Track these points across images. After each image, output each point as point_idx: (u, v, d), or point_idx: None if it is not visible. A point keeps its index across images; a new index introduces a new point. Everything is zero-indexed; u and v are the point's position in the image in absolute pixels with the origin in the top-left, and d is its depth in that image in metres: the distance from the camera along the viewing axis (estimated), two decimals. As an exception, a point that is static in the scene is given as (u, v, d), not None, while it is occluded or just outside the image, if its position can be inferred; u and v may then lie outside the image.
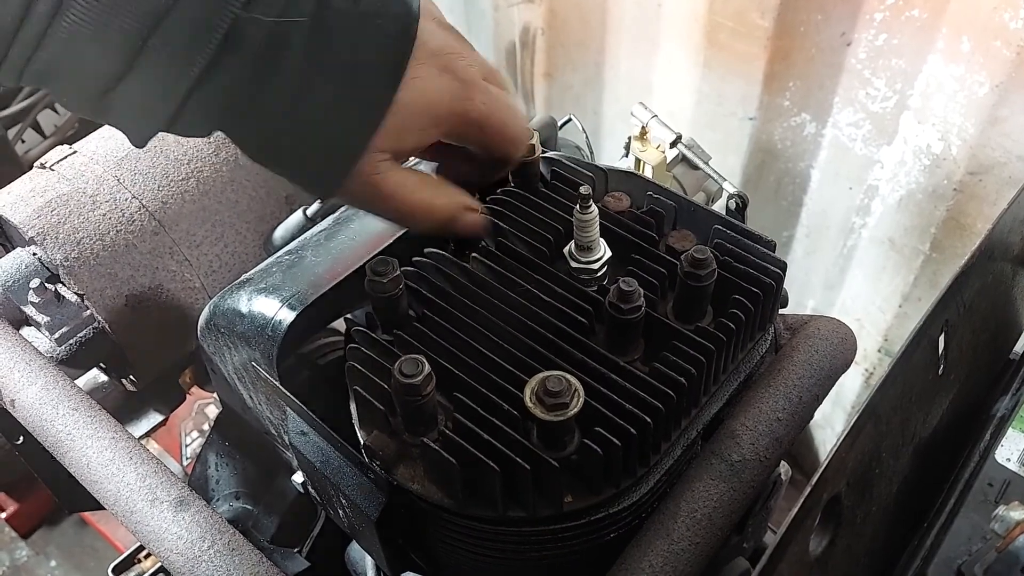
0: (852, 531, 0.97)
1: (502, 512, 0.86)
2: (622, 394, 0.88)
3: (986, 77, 1.87)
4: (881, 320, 2.49)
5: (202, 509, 1.01)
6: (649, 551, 0.89)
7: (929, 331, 0.98)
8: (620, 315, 0.92)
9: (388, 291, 0.96)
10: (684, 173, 1.70)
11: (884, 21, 1.97)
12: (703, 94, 2.42)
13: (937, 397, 1.11)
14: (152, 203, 1.37)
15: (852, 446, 0.88)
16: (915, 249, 2.27)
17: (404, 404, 0.86)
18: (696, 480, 0.94)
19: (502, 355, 0.92)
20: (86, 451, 1.07)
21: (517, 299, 0.98)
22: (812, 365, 1.04)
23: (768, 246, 1.03)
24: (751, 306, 0.97)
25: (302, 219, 1.42)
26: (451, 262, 1.03)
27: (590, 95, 2.79)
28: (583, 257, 1.01)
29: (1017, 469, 1.11)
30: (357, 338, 0.97)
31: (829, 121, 2.24)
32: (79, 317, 1.34)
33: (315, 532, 1.34)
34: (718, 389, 1.00)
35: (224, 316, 1.09)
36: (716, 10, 2.22)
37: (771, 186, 2.47)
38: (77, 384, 1.16)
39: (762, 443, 0.96)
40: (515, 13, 2.75)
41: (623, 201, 1.12)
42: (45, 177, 1.37)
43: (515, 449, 0.83)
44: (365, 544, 1.09)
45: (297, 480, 1.17)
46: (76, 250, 1.31)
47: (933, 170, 2.10)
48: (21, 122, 3.35)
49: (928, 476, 1.15)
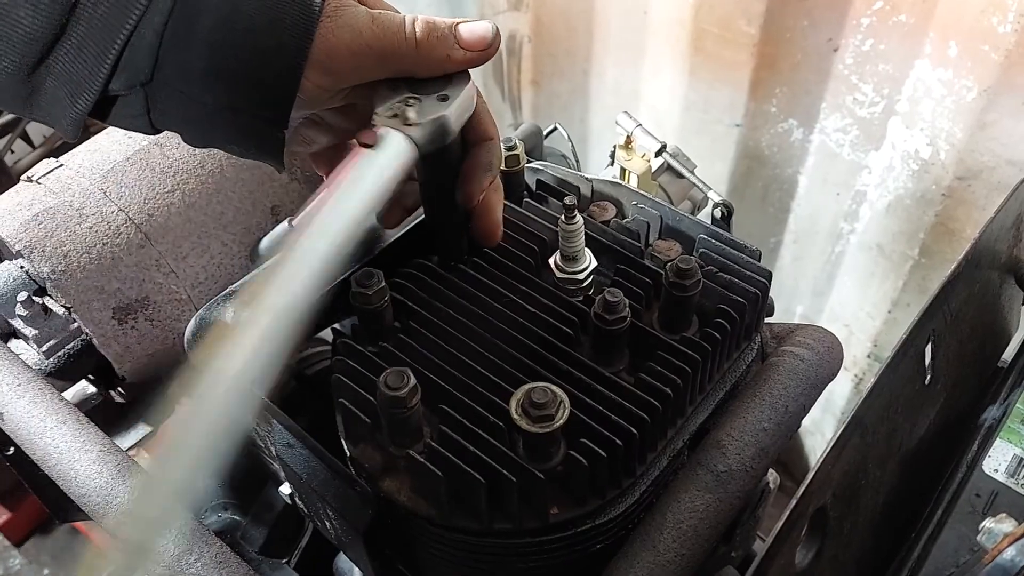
0: (839, 542, 0.98)
1: (488, 524, 0.86)
2: (608, 405, 0.88)
3: (974, 81, 1.88)
4: (870, 326, 2.49)
5: (189, 521, 1.01)
6: (635, 562, 0.89)
7: (915, 341, 0.99)
8: (605, 326, 0.92)
9: (373, 303, 0.96)
10: (669, 182, 1.70)
11: (871, 26, 1.98)
12: (690, 101, 2.42)
13: (924, 407, 1.11)
14: (138, 216, 1.37)
15: (838, 458, 0.88)
16: (904, 254, 2.28)
17: (389, 416, 0.86)
18: (682, 491, 0.94)
19: (487, 366, 0.92)
20: (74, 464, 1.06)
21: (502, 310, 0.98)
22: (798, 374, 1.04)
23: (753, 255, 1.03)
24: (736, 316, 0.97)
25: (288, 230, 1.42)
26: (436, 273, 1.03)
27: (577, 103, 2.79)
28: (568, 267, 1.01)
29: (1005, 480, 1.11)
30: (342, 350, 0.97)
31: (816, 127, 2.25)
32: (67, 330, 1.34)
33: (303, 543, 1.34)
34: (704, 399, 1.00)
35: (210, 328, 1.08)
36: (702, 17, 2.22)
37: (759, 192, 2.48)
38: (65, 396, 1.16)
39: (748, 453, 0.96)
40: (502, 21, 2.75)
41: (608, 211, 1.13)
42: (32, 190, 1.37)
43: (501, 461, 0.83)
44: (352, 555, 1.09)
45: (285, 491, 1.17)
46: (63, 263, 1.31)
47: (921, 175, 2.10)
48: (10, 133, 3.35)
49: (915, 487, 1.15)
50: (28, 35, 0.76)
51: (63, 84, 0.80)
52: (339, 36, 0.83)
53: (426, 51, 0.86)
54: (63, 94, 0.81)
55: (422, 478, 0.86)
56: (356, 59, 0.84)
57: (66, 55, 0.78)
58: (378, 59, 0.85)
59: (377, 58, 0.85)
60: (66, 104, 0.82)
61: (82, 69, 0.79)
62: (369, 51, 0.84)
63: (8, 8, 0.75)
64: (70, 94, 0.81)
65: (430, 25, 0.86)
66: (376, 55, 0.84)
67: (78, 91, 0.81)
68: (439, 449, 0.85)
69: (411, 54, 0.86)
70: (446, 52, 0.87)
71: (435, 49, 0.87)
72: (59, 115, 0.83)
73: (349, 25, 0.83)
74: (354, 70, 0.85)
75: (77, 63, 0.79)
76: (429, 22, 0.87)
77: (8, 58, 0.78)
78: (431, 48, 0.86)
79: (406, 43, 0.85)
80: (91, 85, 0.80)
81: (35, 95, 0.82)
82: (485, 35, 0.88)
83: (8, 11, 0.75)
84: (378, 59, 0.85)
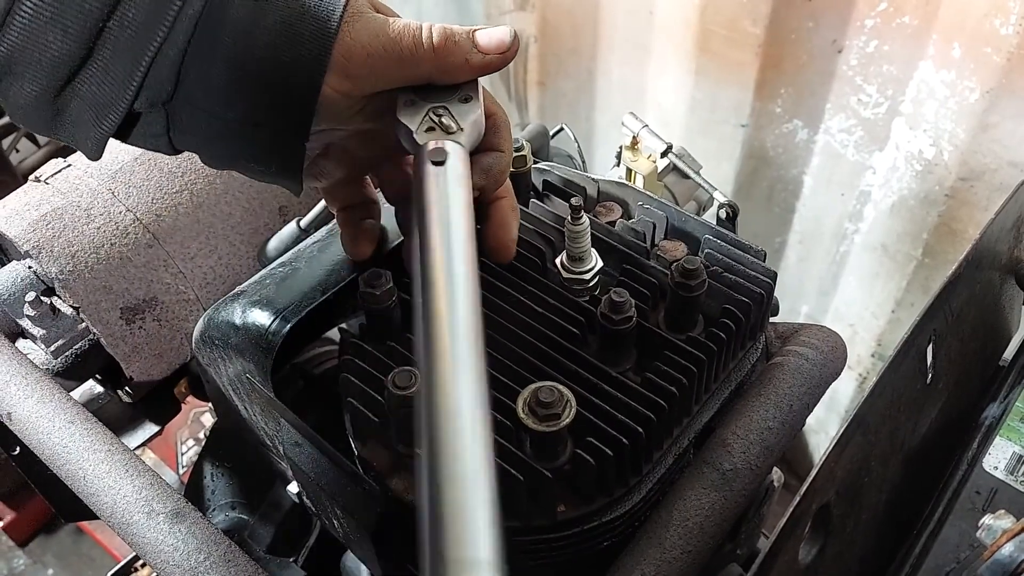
0: (842, 539, 0.98)
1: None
2: (614, 404, 0.89)
3: (977, 83, 1.88)
4: (875, 325, 2.50)
5: (198, 521, 1.01)
6: (642, 560, 0.90)
7: (917, 341, 0.99)
8: (612, 325, 0.92)
9: (381, 303, 0.97)
10: (675, 182, 1.71)
11: (875, 28, 1.98)
12: (696, 101, 2.42)
13: (926, 406, 1.12)
14: (146, 216, 1.37)
15: (841, 456, 0.88)
16: (908, 255, 2.28)
17: (398, 415, 0.87)
18: (688, 489, 0.94)
19: (495, 366, 0.93)
20: (82, 463, 1.07)
21: (509, 310, 0.99)
22: (803, 374, 1.05)
23: (758, 256, 1.04)
24: (741, 316, 0.97)
25: (296, 230, 1.42)
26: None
27: (583, 103, 2.79)
28: (575, 268, 1.02)
29: (1004, 477, 1.11)
30: (351, 350, 0.98)
31: (821, 127, 2.25)
32: (74, 330, 1.35)
33: (311, 542, 1.34)
34: (709, 398, 1.00)
35: (218, 328, 1.09)
36: (708, 18, 2.23)
37: (764, 192, 2.48)
38: (73, 396, 1.17)
39: (753, 452, 0.97)
40: (507, 20, 2.76)
41: (614, 211, 1.13)
42: (40, 190, 1.37)
43: (508, 460, 0.84)
44: (360, 554, 1.09)
45: (292, 490, 1.18)
46: (71, 263, 1.31)
47: (925, 176, 2.11)
48: (15, 131, 3.35)
49: (917, 485, 1.16)
50: (56, 59, 0.77)
51: (89, 106, 0.81)
52: (356, 39, 0.83)
53: (444, 55, 0.87)
54: (88, 116, 0.82)
55: (430, 477, 0.87)
56: (372, 62, 0.84)
57: (92, 77, 0.79)
58: (396, 63, 0.85)
59: (395, 62, 0.85)
60: (91, 125, 0.83)
61: (108, 91, 0.80)
62: (386, 54, 0.85)
63: (38, 32, 0.75)
64: (95, 116, 0.82)
65: (448, 31, 0.87)
66: (394, 59, 0.85)
67: (103, 112, 0.82)
68: (447, 448, 0.85)
69: (429, 58, 0.86)
70: (464, 56, 0.88)
71: (453, 54, 0.87)
72: (83, 136, 0.84)
73: (367, 29, 0.84)
74: (371, 73, 0.85)
75: (103, 85, 0.80)
76: (447, 28, 0.87)
77: (36, 81, 0.78)
78: (449, 53, 0.87)
79: (424, 47, 0.86)
80: (117, 107, 0.81)
81: (60, 116, 0.82)
82: (503, 39, 0.89)
83: (38, 35, 0.75)
84: (396, 63, 0.85)
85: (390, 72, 0.86)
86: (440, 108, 0.87)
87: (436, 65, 0.87)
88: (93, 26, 0.76)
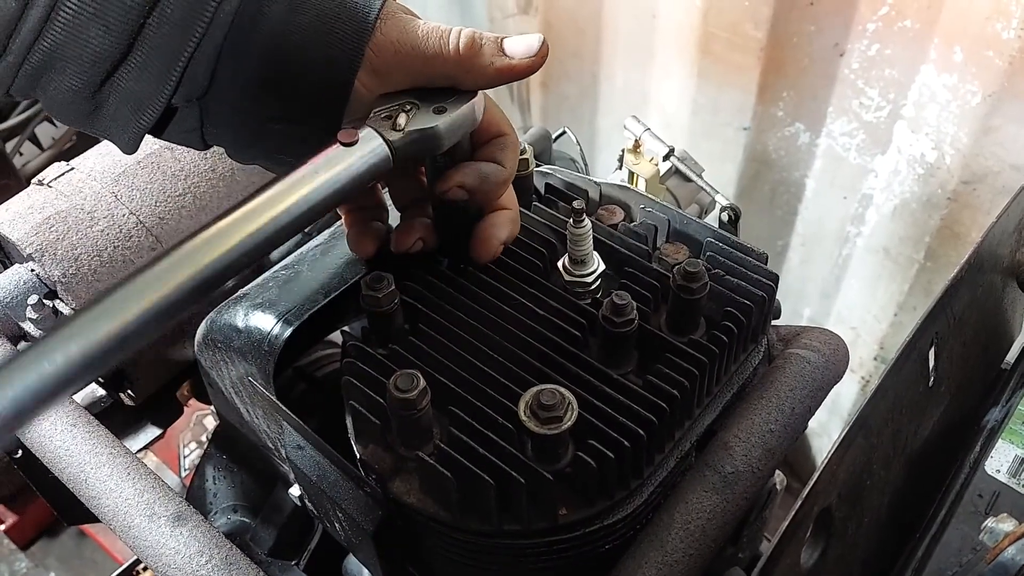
0: (843, 542, 0.98)
1: (497, 525, 0.87)
2: (616, 407, 0.89)
3: (979, 87, 1.88)
4: (877, 328, 2.50)
5: (200, 524, 1.01)
6: (643, 562, 0.90)
7: (919, 343, 0.99)
8: (614, 328, 0.92)
9: (383, 306, 0.97)
10: (677, 185, 1.71)
11: (877, 31, 1.98)
12: (699, 104, 2.43)
13: (928, 409, 1.12)
14: (149, 219, 1.37)
15: (843, 458, 0.88)
16: (910, 258, 2.28)
17: (399, 418, 0.87)
18: (690, 492, 0.94)
19: (496, 369, 0.93)
20: (84, 466, 1.07)
21: (511, 312, 0.99)
22: (804, 376, 1.05)
23: (760, 259, 1.04)
24: (743, 318, 0.97)
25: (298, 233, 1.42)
26: (446, 276, 1.04)
27: (586, 105, 2.80)
28: (577, 270, 1.02)
29: (1006, 480, 1.11)
30: (353, 352, 0.98)
31: (823, 131, 2.25)
32: (77, 332, 1.35)
33: (312, 545, 1.34)
34: (711, 401, 1.00)
35: (221, 331, 1.09)
36: (710, 21, 2.23)
37: (766, 195, 2.48)
38: (75, 399, 1.17)
39: (755, 454, 0.97)
40: (511, 24, 2.76)
41: (616, 214, 1.13)
42: (43, 194, 1.37)
43: (510, 462, 0.84)
44: (362, 557, 1.10)
45: (294, 493, 1.18)
46: (74, 266, 1.32)
47: (927, 179, 2.11)
48: (19, 135, 3.36)
49: (919, 488, 1.16)
50: (97, 54, 0.78)
51: (127, 101, 0.83)
52: (387, 35, 0.85)
53: (468, 57, 0.88)
54: (126, 110, 0.84)
55: (432, 479, 0.87)
56: (400, 58, 0.86)
57: (131, 73, 0.81)
58: (423, 62, 0.87)
59: (421, 60, 0.87)
60: (129, 120, 0.84)
61: (146, 87, 0.82)
62: (414, 52, 0.86)
63: (80, 29, 0.77)
64: (133, 111, 0.83)
65: (476, 34, 0.88)
66: (421, 58, 0.87)
67: (141, 108, 0.83)
68: (448, 451, 0.85)
69: (454, 59, 0.87)
70: (489, 59, 0.89)
71: (479, 56, 0.88)
72: (120, 130, 0.86)
73: (397, 27, 0.86)
74: (398, 69, 0.87)
75: (142, 81, 0.81)
76: (476, 32, 0.88)
77: (77, 77, 0.80)
78: (475, 55, 0.88)
79: (449, 48, 0.87)
80: (155, 102, 0.83)
81: (98, 111, 0.84)
82: (532, 44, 0.90)
83: (79, 32, 0.77)
84: (423, 62, 0.87)
85: (416, 70, 0.88)
86: (411, 104, 0.88)
87: (460, 65, 0.88)
88: (134, 22, 0.77)
